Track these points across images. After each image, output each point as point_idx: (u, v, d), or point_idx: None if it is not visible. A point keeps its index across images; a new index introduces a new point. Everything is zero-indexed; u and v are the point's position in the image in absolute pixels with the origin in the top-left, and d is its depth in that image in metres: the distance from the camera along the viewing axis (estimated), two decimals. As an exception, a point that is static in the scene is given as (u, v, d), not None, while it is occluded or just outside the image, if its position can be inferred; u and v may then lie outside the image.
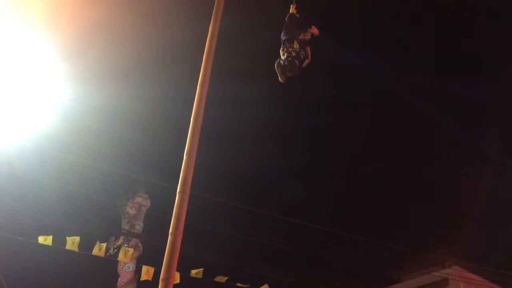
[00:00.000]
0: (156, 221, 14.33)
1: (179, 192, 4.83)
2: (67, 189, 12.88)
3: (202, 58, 5.58)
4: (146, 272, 12.29)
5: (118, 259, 13.57)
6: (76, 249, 11.21)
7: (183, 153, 5.09)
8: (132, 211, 14.61)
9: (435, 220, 17.30)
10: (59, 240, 11.36)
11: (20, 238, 11.03)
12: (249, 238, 12.41)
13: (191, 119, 5.14)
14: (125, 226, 14.52)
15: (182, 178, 4.89)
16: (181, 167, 5.00)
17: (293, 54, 6.37)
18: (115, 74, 12.24)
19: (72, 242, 11.16)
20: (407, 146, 17.72)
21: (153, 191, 14.57)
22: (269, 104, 16.16)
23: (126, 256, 13.14)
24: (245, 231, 12.19)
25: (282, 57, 6.43)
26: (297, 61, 6.39)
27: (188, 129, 5.18)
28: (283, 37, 6.56)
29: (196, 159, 5.03)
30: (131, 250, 13.38)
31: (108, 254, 13.62)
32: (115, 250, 14.13)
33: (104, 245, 11.73)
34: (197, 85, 5.44)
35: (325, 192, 18.72)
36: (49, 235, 11.39)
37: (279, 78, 6.46)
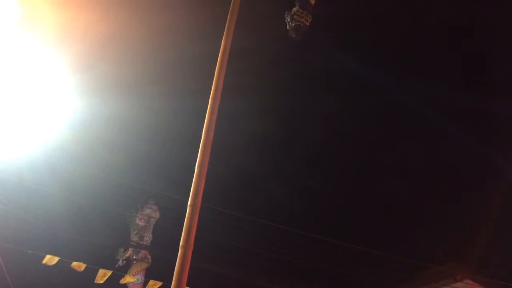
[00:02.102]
0: (165, 233, 14.34)
1: (190, 205, 4.79)
2: (77, 200, 12.94)
3: (211, 71, 5.61)
4: (153, 285, 12.26)
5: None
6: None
7: (192, 164, 5.06)
8: (141, 223, 14.62)
9: (447, 233, 17.09)
10: (67, 253, 11.39)
11: (29, 252, 11.03)
12: (258, 250, 12.33)
13: (203, 132, 5.14)
14: (134, 238, 14.52)
15: (193, 191, 4.86)
16: (190, 179, 4.98)
17: (306, 23, 6.62)
18: (125, 87, 12.36)
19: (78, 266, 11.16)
20: (417, 158, 17.59)
21: (162, 203, 14.62)
22: (276, 115, 16.19)
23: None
24: (253, 243, 12.12)
25: (295, 16, 6.62)
26: (304, 28, 6.65)
27: (198, 141, 5.18)
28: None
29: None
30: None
31: (117, 266, 13.63)
32: (124, 262, 14.14)
33: (109, 272, 11.58)
34: (206, 98, 5.46)
35: (336, 205, 18.61)
36: (58, 246, 11.44)
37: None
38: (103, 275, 11.35)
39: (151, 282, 12.02)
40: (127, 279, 12.95)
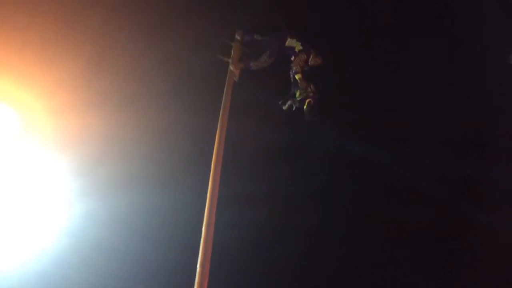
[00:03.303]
0: None
1: (194, 308, 4.57)
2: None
3: (208, 166, 5.69)
4: None
5: None
6: None
7: (194, 265, 4.99)
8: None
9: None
10: None
11: None
12: None
13: (203, 228, 5.09)
14: None
15: (196, 292, 4.68)
16: (192, 280, 4.87)
17: (316, 96, 6.09)
18: (122, 188, 12.34)
19: None
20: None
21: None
22: (275, 202, 16.04)
23: None
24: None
25: (303, 95, 6.08)
26: (316, 102, 6.09)
27: (199, 239, 5.11)
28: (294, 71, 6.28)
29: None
30: None
31: None
32: None
33: None
34: (204, 193, 5.48)
35: (345, 260, 17.87)
36: None
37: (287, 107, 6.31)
38: None
39: None
40: None
